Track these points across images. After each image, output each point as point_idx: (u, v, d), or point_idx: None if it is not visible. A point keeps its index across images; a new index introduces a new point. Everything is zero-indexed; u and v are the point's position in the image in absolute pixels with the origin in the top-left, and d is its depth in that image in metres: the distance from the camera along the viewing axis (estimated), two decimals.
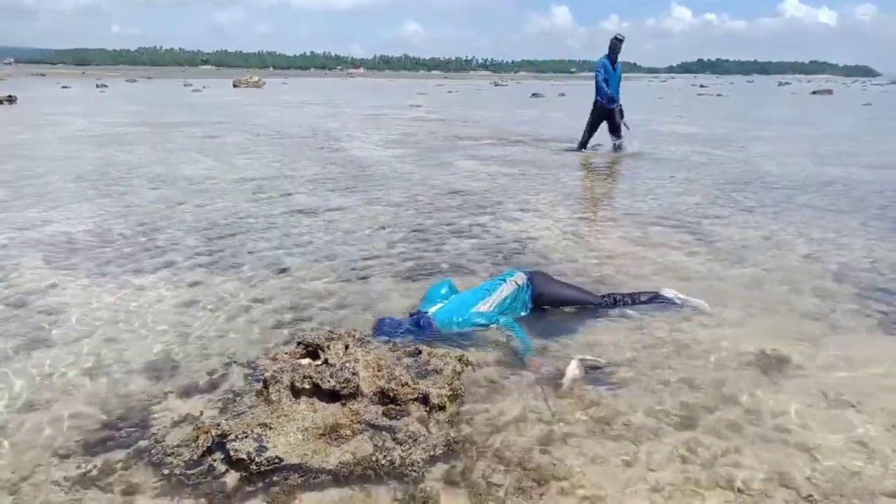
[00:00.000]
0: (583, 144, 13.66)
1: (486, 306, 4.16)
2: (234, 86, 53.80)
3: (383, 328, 4.06)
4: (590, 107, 13.50)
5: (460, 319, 4.04)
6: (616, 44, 12.76)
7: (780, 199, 8.70)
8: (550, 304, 4.49)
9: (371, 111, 28.03)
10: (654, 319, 4.49)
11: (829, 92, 53.18)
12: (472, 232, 6.87)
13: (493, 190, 9.29)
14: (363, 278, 5.35)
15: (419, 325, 3.97)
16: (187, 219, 7.33)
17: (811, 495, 2.69)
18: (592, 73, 13.71)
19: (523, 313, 4.37)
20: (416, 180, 10.08)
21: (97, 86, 49.09)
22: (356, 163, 11.97)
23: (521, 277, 4.41)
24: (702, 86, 73.69)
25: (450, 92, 52.40)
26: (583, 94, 55.22)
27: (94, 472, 2.76)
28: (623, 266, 5.68)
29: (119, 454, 2.88)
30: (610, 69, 12.94)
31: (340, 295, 4.96)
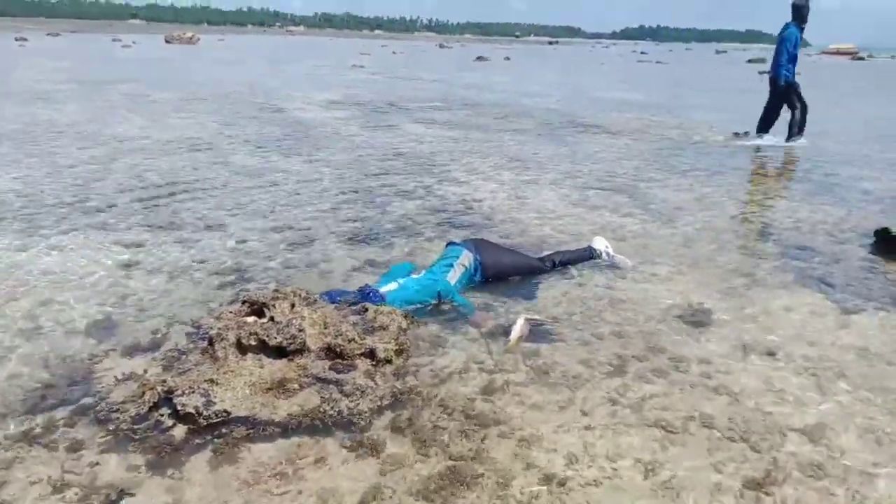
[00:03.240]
0: (763, 129, 11.15)
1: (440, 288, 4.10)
2: (167, 42, 51.18)
3: (330, 296, 4.03)
4: (536, 68, 13.41)
5: (402, 302, 3.93)
6: (805, 9, 10.31)
7: (712, 163, 9.09)
8: (497, 278, 4.47)
9: (312, 71, 27.31)
10: (592, 277, 4.69)
11: (763, 60, 54.96)
12: (417, 193, 6.91)
13: (438, 153, 9.32)
14: (307, 239, 5.34)
15: (367, 297, 3.92)
16: (121, 179, 7.08)
17: (730, 433, 2.95)
18: (539, 39, 13.47)
19: (474, 284, 4.36)
20: (359, 142, 9.99)
21: (16, 39, 45.69)
22: (298, 124, 11.73)
23: (467, 258, 4.32)
24: (643, 52, 74.82)
25: (394, 53, 51.45)
26: (527, 56, 55.26)
27: (37, 430, 2.74)
28: (563, 226, 5.87)
29: (62, 412, 2.86)
30: (800, 42, 10.51)
31: (285, 255, 4.96)
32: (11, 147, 8.63)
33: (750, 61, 54.91)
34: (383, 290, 3.92)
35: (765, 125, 11.01)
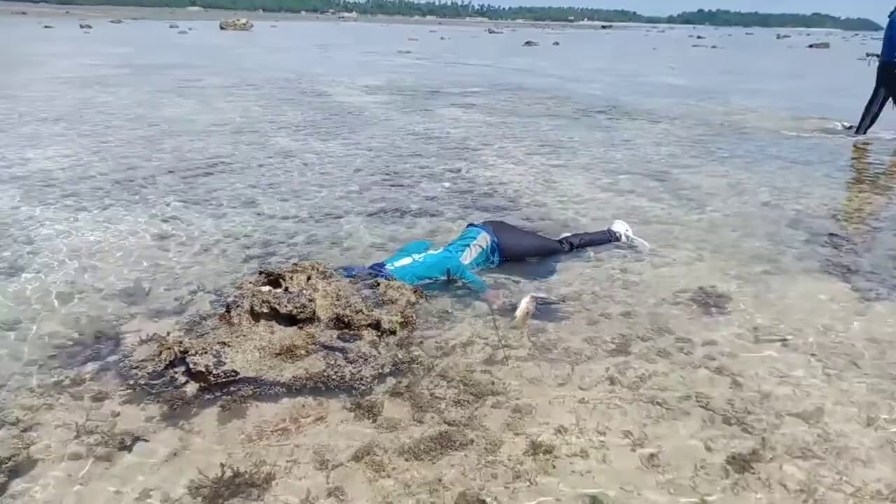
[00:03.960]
0: (866, 124, 10.33)
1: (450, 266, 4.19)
2: (222, 28, 52.52)
3: (346, 271, 4.18)
4: (585, 53, 12.99)
5: (411, 276, 4.04)
6: None
7: (752, 149, 8.86)
8: (516, 259, 4.54)
9: (360, 56, 27.62)
10: (608, 259, 4.72)
11: (826, 46, 52.62)
12: (446, 177, 7.01)
13: (472, 137, 9.38)
14: (334, 217, 5.52)
15: (376, 273, 4.02)
16: (165, 158, 7.43)
17: (726, 413, 2.97)
18: (593, 23, 13.00)
19: (492, 267, 4.42)
20: (396, 126, 10.14)
21: (81, 26, 47.73)
22: (339, 108, 11.97)
23: (484, 239, 4.39)
24: (699, 37, 72.51)
25: (442, 38, 51.42)
26: (577, 41, 54.34)
27: (66, 382, 3.00)
28: (585, 210, 5.88)
29: (90, 366, 3.12)
30: None
31: (310, 233, 5.15)
32: (66, 127, 9.14)
33: (811, 46, 52.60)
34: (397, 264, 4.07)
35: (869, 120, 10.17)
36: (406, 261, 4.12)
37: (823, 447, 2.74)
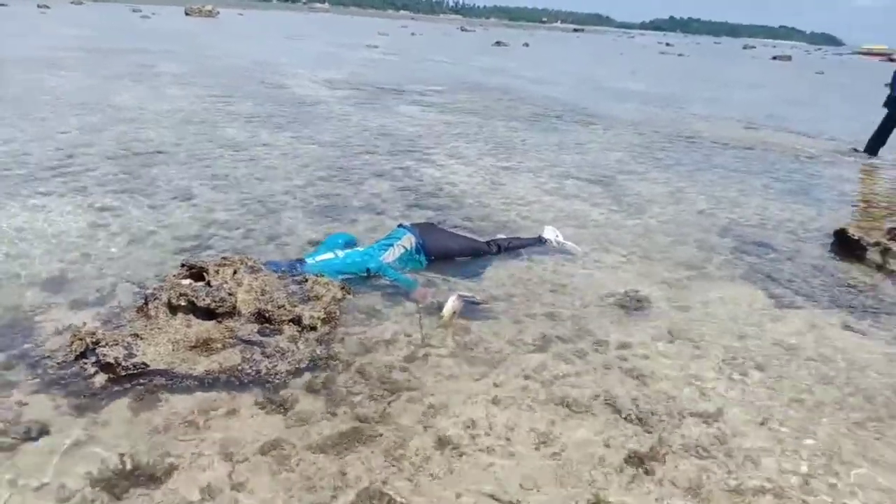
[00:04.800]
0: (870, 149, 10.40)
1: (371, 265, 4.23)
2: (186, 14, 51.32)
3: (275, 265, 4.16)
4: (552, 56, 13.06)
5: (332, 272, 4.06)
6: None
7: (698, 158, 9.11)
8: (443, 258, 4.60)
9: (325, 49, 27.36)
10: (541, 261, 4.82)
11: (788, 58, 54.15)
12: (394, 174, 7.04)
13: (426, 136, 9.42)
14: (274, 212, 5.50)
15: (293, 268, 4.02)
16: (107, 146, 7.27)
17: (630, 413, 3.08)
18: (565, 25, 12.98)
19: (420, 268, 4.47)
20: (351, 122, 10.11)
21: (38, 6, 46.08)
22: (295, 101, 11.87)
23: (409, 240, 4.45)
24: (667, 44, 73.83)
25: (413, 34, 51.23)
26: (547, 43, 54.76)
27: None
28: (528, 213, 5.98)
29: None
30: None
31: (248, 227, 5.12)
32: (9, 110, 8.86)
33: (775, 58, 54.10)
34: (319, 258, 4.10)
35: (878, 143, 10.32)
36: (327, 256, 4.16)
37: (717, 447, 2.87)
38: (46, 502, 2.31)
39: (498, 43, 43.29)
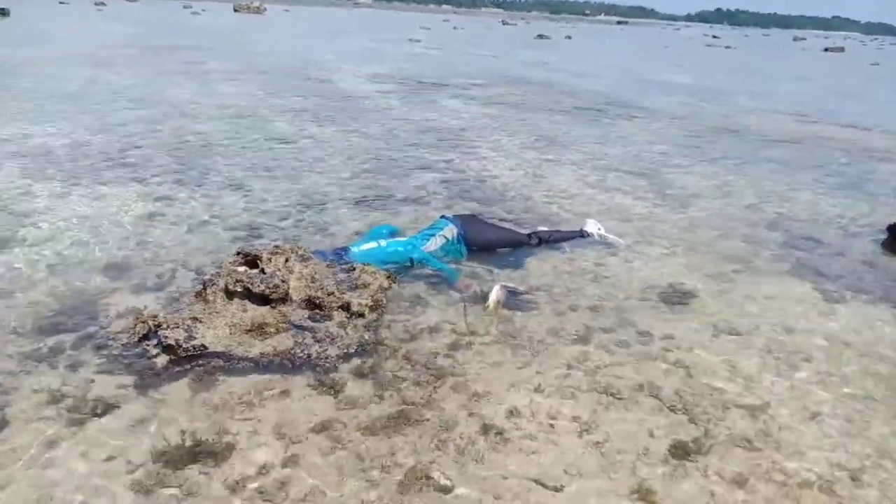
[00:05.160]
0: None
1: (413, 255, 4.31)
2: (235, 10, 52.56)
3: (323, 254, 4.30)
4: (595, 49, 12.96)
5: (376, 261, 4.15)
6: None
7: (746, 151, 8.92)
8: (484, 249, 4.65)
9: (369, 44, 27.63)
10: (583, 253, 4.83)
11: (841, 49, 52.13)
12: (437, 167, 7.12)
13: (469, 129, 9.47)
14: (321, 203, 5.64)
15: (339, 257, 4.15)
16: (163, 138, 7.57)
17: (674, 403, 3.09)
18: (608, 18, 13.02)
19: (460, 258, 4.52)
20: (395, 115, 10.24)
21: (95, 4, 47.85)
22: (340, 95, 12.06)
23: (451, 230, 4.52)
24: (714, 37, 71.91)
25: (455, 28, 51.29)
26: (590, 36, 54.08)
27: (45, 350, 3.15)
28: (570, 206, 5.98)
29: (68, 337, 3.27)
30: None
31: (297, 217, 5.27)
32: (70, 105, 9.28)
33: (827, 50, 52.14)
34: (363, 247, 4.21)
35: None
36: (371, 245, 4.27)
37: (763, 439, 2.86)
38: (114, 474, 2.45)
39: (540, 36, 42.92)
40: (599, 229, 4.96)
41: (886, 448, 2.83)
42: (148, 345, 3.09)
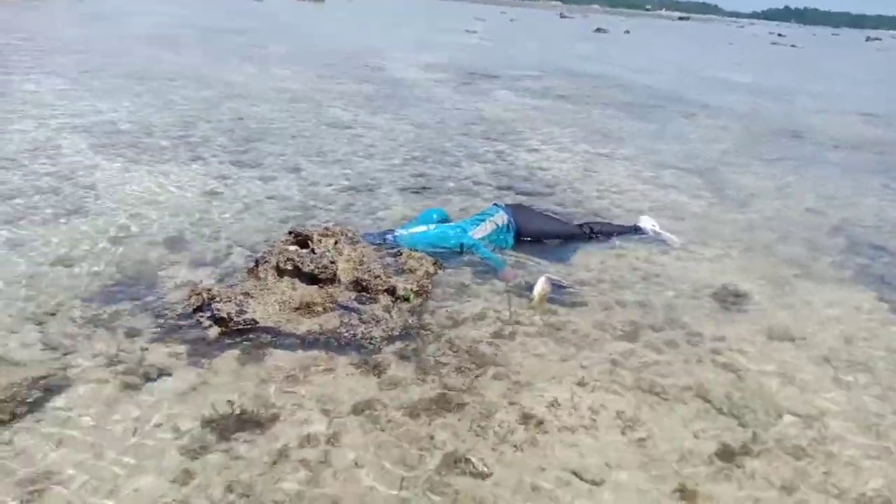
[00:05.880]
0: None
1: (463, 240, 4.33)
2: None
3: (371, 237, 4.36)
4: (654, 44, 12.70)
5: (424, 244, 4.20)
6: None
7: (808, 153, 8.57)
8: (533, 239, 4.64)
9: (425, 34, 27.67)
10: (634, 249, 4.73)
11: None
12: (487, 157, 7.09)
13: (521, 120, 9.40)
14: (372, 189, 5.70)
15: (384, 241, 4.22)
16: (222, 119, 7.77)
17: (722, 406, 3.01)
18: (670, 13, 12.68)
19: (506, 248, 4.51)
20: (447, 105, 10.24)
21: None
22: (394, 83, 12.13)
23: (501, 217, 4.52)
24: (780, 35, 69.10)
25: (511, 20, 50.82)
26: (650, 31, 52.79)
27: (105, 316, 3.29)
28: (621, 201, 5.87)
29: (127, 305, 3.40)
30: None
31: (347, 201, 5.34)
32: (134, 84, 9.61)
33: None
34: (411, 230, 4.23)
35: None
36: (420, 228, 4.29)
37: (816, 448, 2.76)
38: (162, 437, 2.54)
39: (598, 30, 42.14)
40: (654, 226, 4.85)
41: None
42: (201, 316, 3.19)
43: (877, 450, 2.78)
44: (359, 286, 3.56)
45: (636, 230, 4.85)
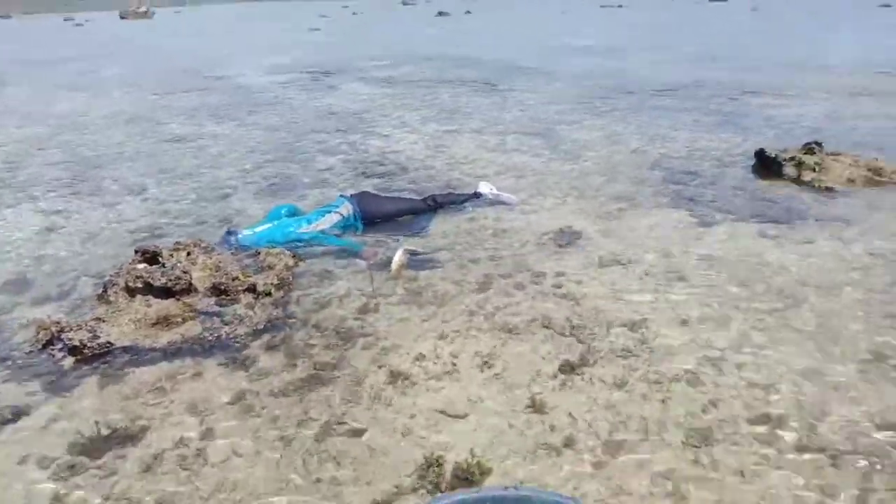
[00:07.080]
0: None
1: (305, 230, 4.49)
2: (122, 17, 49.87)
3: (222, 246, 4.38)
4: (494, 21, 13.21)
5: (269, 241, 4.33)
6: None
7: (634, 102, 9.44)
8: (384, 220, 4.86)
9: (264, 38, 26.96)
10: (484, 212, 5.09)
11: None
12: (341, 149, 7.22)
13: (371, 109, 9.57)
14: (224, 197, 5.66)
15: (229, 244, 4.31)
16: (53, 154, 7.31)
17: (563, 329, 3.40)
18: None
19: (357, 233, 4.71)
20: (296, 105, 10.20)
21: None
22: (239, 91, 11.86)
23: (346, 208, 4.73)
24: None
25: (354, 14, 50.56)
26: (490, 9, 54.54)
27: None
28: (471, 170, 6.23)
29: None
30: None
31: (199, 214, 5.28)
32: None
33: None
34: (258, 229, 4.35)
35: None
36: (265, 227, 4.43)
37: (640, 347, 3.20)
38: (30, 471, 2.51)
39: (440, 13, 42.96)
40: (492, 189, 5.23)
41: (743, 338, 3.23)
42: (53, 350, 3.12)
43: (686, 336, 3.27)
44: (217, 291, 3.61)
45: (477, 196, 5.21)
